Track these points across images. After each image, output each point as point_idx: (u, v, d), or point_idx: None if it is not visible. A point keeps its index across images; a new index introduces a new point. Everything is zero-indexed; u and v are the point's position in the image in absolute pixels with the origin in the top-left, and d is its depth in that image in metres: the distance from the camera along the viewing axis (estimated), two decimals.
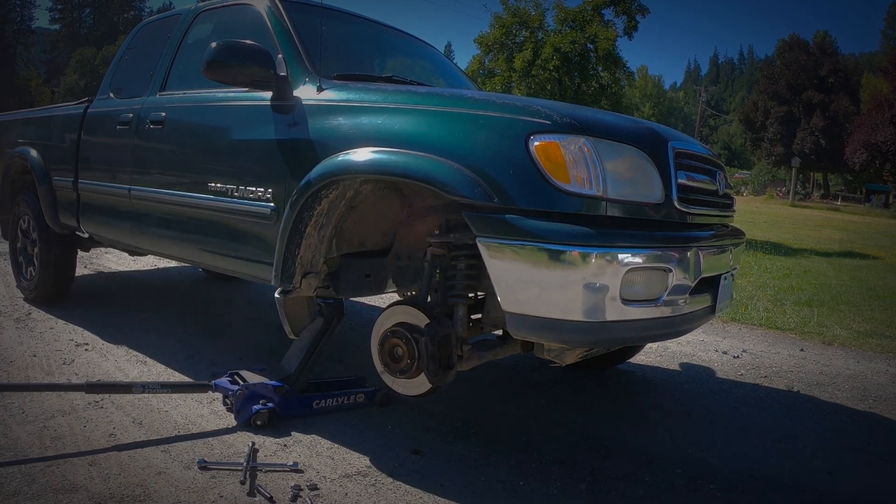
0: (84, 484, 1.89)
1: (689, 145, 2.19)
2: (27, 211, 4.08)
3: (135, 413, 2.44)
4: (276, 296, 2.39)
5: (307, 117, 2.34)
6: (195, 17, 3.27)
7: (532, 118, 1.87)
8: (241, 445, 2.20)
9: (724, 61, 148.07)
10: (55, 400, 2.50)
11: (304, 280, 2.36)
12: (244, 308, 4.45)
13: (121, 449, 2.13)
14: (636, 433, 2.57)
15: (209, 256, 2.90)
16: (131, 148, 3.23)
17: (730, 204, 2.48)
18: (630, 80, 15.25)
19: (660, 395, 3.06)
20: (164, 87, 3.24)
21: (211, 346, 3.37)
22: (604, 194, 1.82)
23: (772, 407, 2.98)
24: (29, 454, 2.06)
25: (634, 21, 13.25)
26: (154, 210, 3.09)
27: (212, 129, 2.84)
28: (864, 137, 35.18)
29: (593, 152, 1.82)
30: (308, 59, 2.53)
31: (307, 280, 2.36)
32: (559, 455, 2.30)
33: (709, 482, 2.16)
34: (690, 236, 2.04)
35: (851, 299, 6.10)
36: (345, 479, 2.03)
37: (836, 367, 3.71)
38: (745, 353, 3.91)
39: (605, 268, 1.76)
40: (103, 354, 3.15)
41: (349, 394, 2.60)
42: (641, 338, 2.26)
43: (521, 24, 13.62)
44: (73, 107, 3.90)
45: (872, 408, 3.06)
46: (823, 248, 12.13)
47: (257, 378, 2.51)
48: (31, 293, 4.06)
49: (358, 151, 2.11)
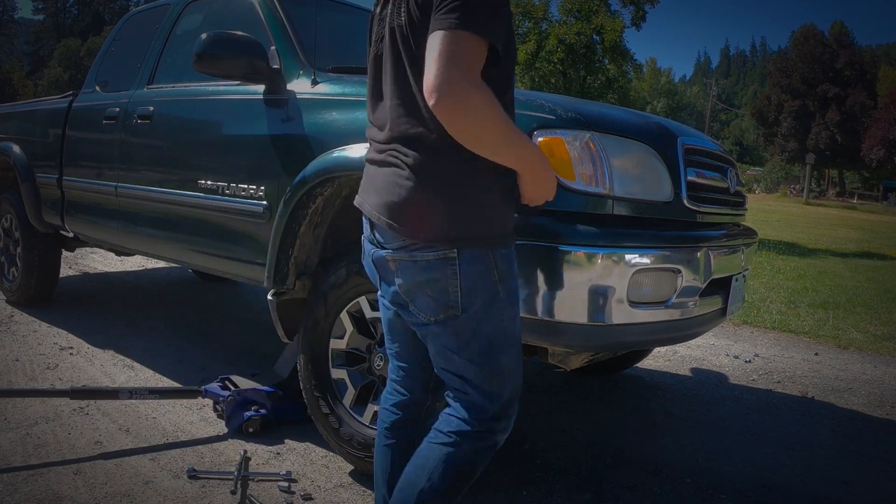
0: (69, 493, 1.87)
1: (698, 141, 2.14)
2: (9, 209, 4.03)
3: (122, 420, 2.40)
4: (268, 298, 2.33)
5: (301, 112, 2.29)
6: (184, 8, 3.21)
7: (535, 113, 1.82)
8: (233, 453, 2.16)
9: (735, 53, 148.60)
10: (39, 406, 2.47)
11: (298, 282, 2.31)
12: (235, 310, 4.40)
13: (107, 457, 2.11)
14: (643, 441, 2.53)
15: (199, 257, 2.85)
16: (118, 144, 3.17)
17: (741, 202, 2.43)
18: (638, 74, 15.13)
19: (668, 401, 3.01)
20: (152, 81, 3.18)
21: (201, 351, 3.33)
22: (610, 192, 1.76)
23: (785, 414, 2.94)
24: (11, 462, 2.03)
25: (642, 11, 12.98)
26: (142, 208, 3.03)
27: (202, 124, 2.78)
28: (882, 133, 34.94)
29: (599, 148, 1.77)
30: (302, 51, 2.48)
31: (301, 282, 2.31)
32: (563, 463, 2.26)
33: (719, 492, 2.12)
34: (700, 236, 1.99)
35: (868, 301, 6.02)
36: (339, 489, 2.00)
37: (852, 373, 3.66)
38: (758, 358, 3.86)
39: (612, 269, 1.71)
40: (89, 358, 3.10)
41: None
42: (649, 341, 2.21)
43: (524, 14, 13.35)
44: (57, 101, 3.85)
45: (890, 414, 3.02)
46: (839, 248, 12.04)
47: (249, 383, 2.49)
48: (14, 295, 4.00)
49: (354, 147, 2.05)
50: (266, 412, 2.36)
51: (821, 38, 45.51)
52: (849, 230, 18.02)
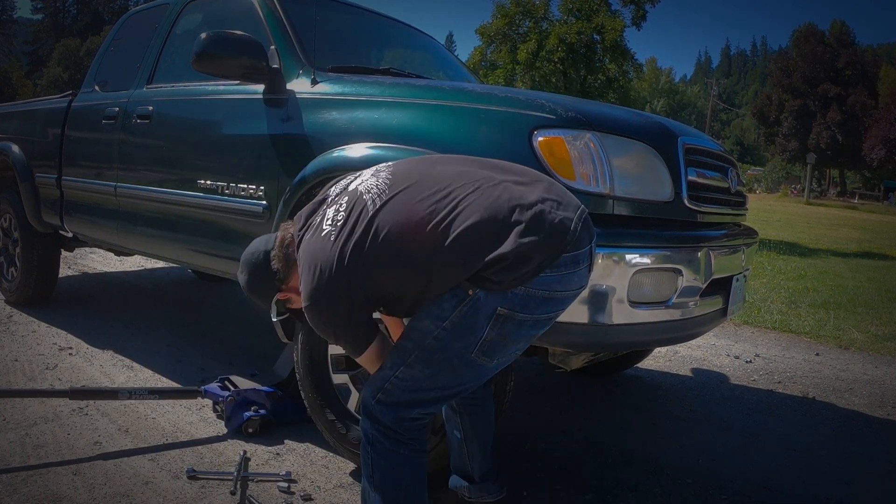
0: (68, 494, 1.85)
1: (699, 141, 2.14)
2: (8, 209, 4.02)
3: (121, 420, 2.39)
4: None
5: (301, 111, 2.28)
6: (184, 7, 3.20)
7: (536, 112, 1.82)
8: (232, 454, 2.15)
9: (736, 53, 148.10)
10: (38, 406, 2.45)
11: None
12: (235, 311, 4.38)
13: (106, 457, 2.09)
14: (644, 441, 2.51)
15: (198, 257, 2.84)
16: (117, 143, 3.16)
17: (742, 202, 2.43)
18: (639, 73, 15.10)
19: (669, 402, 3.00)
20: (151, 80, 3.17)
21: (200, 351, 3.31)
22: (610, 192, 1.76)
23: (786, 414, 2.92)
24: (10, 463, 2.01)
25: (643, 10, 12.95)
26: (141, 208, 3.02)
27: (201, 124, 2.77)
28: (883, 132, 34.83)
29: (600, 148, 1.76)
30: (302, 50, 2.47)
31: None
32: (564, 464, 2.25)
33: (720, 492, 2.11)
34: (701, 236, 1.99)
35: (869, 301, 6.00)
36: (339, 489, 1.99)
37: (853, 373, 3.65)
38: (759, 358, 3.85)
39: (612, 269, 1.70)
40: (88, 359, 3.09)
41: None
42: (650, 342, 2.21)
43: (524, 13, 13.36)
44: (56, 100, 3.83)
45: (891, 415, 3.00)
46: (840, 248, 12.02)
47: (248, 383, 2.48)
48: (13, 295, 3.99)
49: (354, 147, 2.05)
50: (266, 412, 2.35)
51: (822, 38, 45.32)
52: (850, 230, 17.98)
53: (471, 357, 1.34)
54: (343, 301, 1.35)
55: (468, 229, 1.27)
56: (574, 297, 1.41)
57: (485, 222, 1.27)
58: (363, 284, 1.34)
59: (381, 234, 1.31)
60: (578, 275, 1.35)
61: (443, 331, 1.33)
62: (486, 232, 1.27)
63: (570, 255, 1.31)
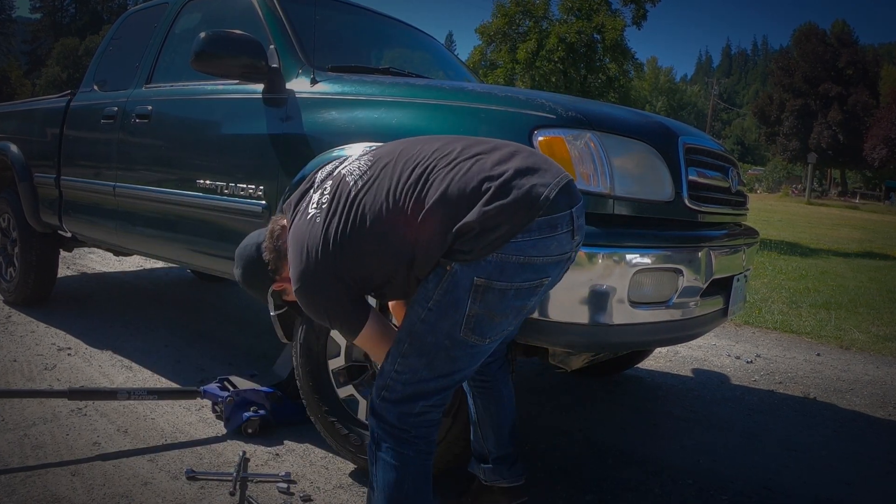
0: (66, 495, 1.85)
1: (700, 140, 2.13)
2: (7, 209, 4.01)
3: (120, 421, 2.38)
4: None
5: (300, 111, 2.27)
6: (183, 7, 3.19)
7: (536, 112, 1.81)
8: (232, 454, 2.14)
9: (737, 52, 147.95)
10: (37, 407, 2.45)
11: None
12: (234, 311, 4.38)
13: (105, 458, 2.09)
14: (645, 442, 2.51)
15: (197, 256, 2.84)
16: (116, 143, 3.15)
17: (743, 202, 2.42)
18: (639, 73, 15.07)
19: (670, 402, 3.00)
20: (150, 80, 3.17)
21: (199, 351, 3.31)
22: (611, 191, 1.75)
23: (787, 414, 2.92)
24: (9, 464, 2.01)
25: (643, 10, 12.90)
26: (140, 208, 3.01)
27: (200, 124, 2.77)
28: (884, 132, 34.80)
29: (600, 148, 1.76)
30: (301, 49, 2.46)
31: None
32: (564, 464, 2.25)
33: (721, 493, 2.11)
34: (702, 236, 1.98)
35: (870, 302, 5.99)
36: (339, 490, 1.98)
37: (854, 373, 3.65)
38: (759, 358, 3.85)
39: (613, 269, 1.70)
40: (87, 359, 3.08)
41: None
42: (650, 342, 2.20)
43: (524, 12, 13.33)
44: (55, 100, 3.83)
45: (892, 415, 3.00)
46: (841, 248, 12.00)
47: (248, 384, 2.47)
48: (12, 295, 3.98)
49: (353, 147, 2.03)
50: (265, 413, 2.34)
51: (823, 37, 45.30)
52: (851, 230, 17.98)
53: (460, 337, 1.33)
54: (332, 280, 1.36)
55: (437, 203, 1.28)
56: (559, 265, 1.36)
57: (454, 196, 1.28)
58: (350, 265, 1.35)
59: (363, 213, 1.33)
60: (557, 239, 1.32)
61: (429, 312, 1.34)
62: (455, 205, 1.27)
63: (545, 219, 1.28)
